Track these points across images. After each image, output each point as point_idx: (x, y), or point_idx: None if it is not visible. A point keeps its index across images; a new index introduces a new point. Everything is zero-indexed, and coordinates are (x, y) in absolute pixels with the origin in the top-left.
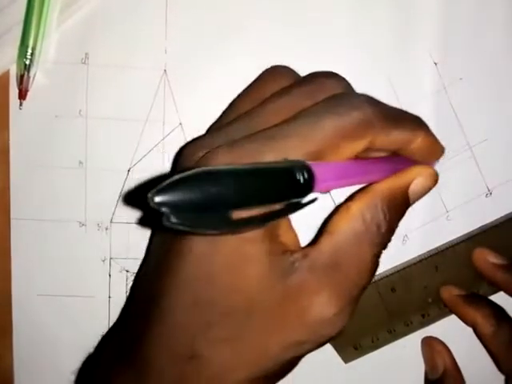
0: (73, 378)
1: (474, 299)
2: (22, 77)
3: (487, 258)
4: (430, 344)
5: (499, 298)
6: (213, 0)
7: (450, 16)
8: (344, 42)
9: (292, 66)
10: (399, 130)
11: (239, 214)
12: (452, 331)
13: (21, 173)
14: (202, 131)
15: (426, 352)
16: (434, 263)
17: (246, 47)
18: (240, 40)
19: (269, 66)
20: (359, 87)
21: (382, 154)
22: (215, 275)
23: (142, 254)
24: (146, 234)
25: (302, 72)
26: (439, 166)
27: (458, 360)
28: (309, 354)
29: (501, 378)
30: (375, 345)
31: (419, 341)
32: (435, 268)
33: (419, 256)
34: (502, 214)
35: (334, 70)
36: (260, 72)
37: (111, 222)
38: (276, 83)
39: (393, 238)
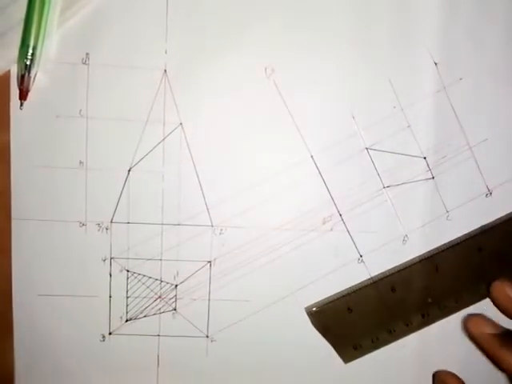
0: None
1: (510, 341)
2: (22, 77)
3: (508, 293)
4: (444, 382)
5: None
6: (213, 1)
7: (449, 16)
8: (344, 42)
9: (292, 67)
10: None
11: None
12: (452, 331)
13: (21, 173)
14: (202, 131)
15: None
16: (434, 263)
17: (246, 48)
18: (240, 41)
19: None
20: (359, 87)
21: None
22: None
23: (142, 254)
24: (146, 233)
25: (302, 72)
26: (439, 166)
27: (456, 361)
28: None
29: (499, 380)
30: (375, 345)
31: (419, 341)
32: (435, 268)
33: (419, 256)
34: (502, 214)
35: (333, 70)
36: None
37: (111, 221)
38: None
39: (393, 237)
